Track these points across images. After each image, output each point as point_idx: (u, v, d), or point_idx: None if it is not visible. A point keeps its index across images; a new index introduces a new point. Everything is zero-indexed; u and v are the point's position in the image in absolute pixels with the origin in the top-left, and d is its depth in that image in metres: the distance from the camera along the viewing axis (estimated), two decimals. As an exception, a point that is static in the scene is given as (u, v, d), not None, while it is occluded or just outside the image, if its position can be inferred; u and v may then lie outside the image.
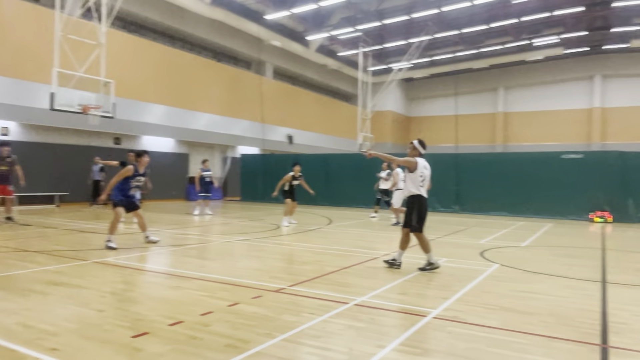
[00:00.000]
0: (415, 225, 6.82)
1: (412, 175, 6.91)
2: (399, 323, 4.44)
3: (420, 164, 6.95)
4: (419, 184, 6.88)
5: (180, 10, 22.85)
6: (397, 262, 6.94)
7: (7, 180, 11.81)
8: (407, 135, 43.12)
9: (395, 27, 28.69)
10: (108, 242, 8.28)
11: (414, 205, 6.86)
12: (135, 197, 8.89)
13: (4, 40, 16.01)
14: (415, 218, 6.81)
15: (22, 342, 3.66)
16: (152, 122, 21.36)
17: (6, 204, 11.87)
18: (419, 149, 7.08)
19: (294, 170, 13.09)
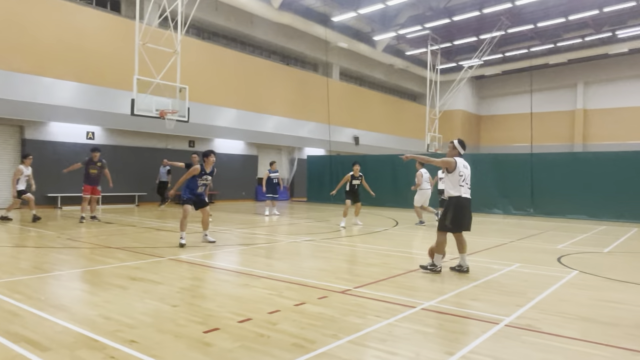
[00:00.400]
0: (449, 226, 6.65)
1: (451, 176, 6.73)
2: (468, 330, 4.29)
3: (460, 164, 6.75)
4: (458, 184, 6.70)
5: (250, 16, 23.52)
6: (438, 267, 6.71)
7: (97, 182, 12.78)
8: (478, 135, 41.67)
9: (465, 23, 27.81)
10: (180, 239, 8.68)
11: (449, 207, 6.70)
12: (203, 195, 9.21)
13: (90, 50, 17.25)
14: (449, 219, 6.63)
15: (104, 333, 3.91)
16: (223, 126, 22.15)
17: (92, 204, 12.79)
18: (458, 149, 6.93)
19: (354, 169, 13.04)
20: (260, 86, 24.04)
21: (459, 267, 6.82)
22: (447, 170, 6.77)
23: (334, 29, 26.86)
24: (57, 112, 16.58)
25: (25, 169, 12.31)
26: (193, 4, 16.05)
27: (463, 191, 6.70)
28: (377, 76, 33.50)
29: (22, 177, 12.24)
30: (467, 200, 6.74)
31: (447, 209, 6.73)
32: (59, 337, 3.81)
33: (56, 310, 4.52)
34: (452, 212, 6.65)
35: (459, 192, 6.67)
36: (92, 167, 12.67)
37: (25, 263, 7.02)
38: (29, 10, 15.93)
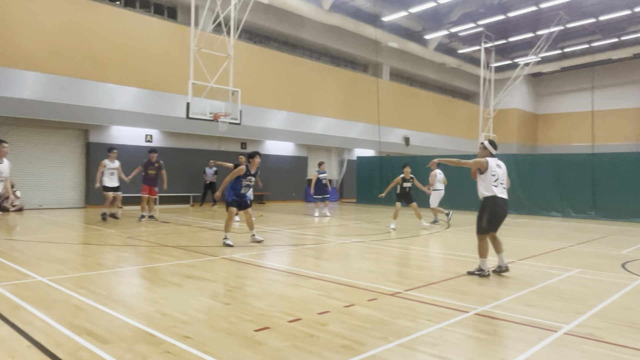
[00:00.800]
0: (485, 228, 6.54)
1: (484, 177, 6.57)
2: (524, 337, 4.13)
3: (492, 164, 6.59)
4: (491, 184, 6.54)
5: (300, 19, 23.75)
6: (486, 272, 6.52)
7: (155, 183, 13.28)
8: (535, 134, 40.11)
9: (521, 19, 26.84)
10: (225, 239, 8.83)
11: (485, 208, 6.56)
12: (247, 197, 9.35)
13: (148, 57, 18.01)
14: (485, 220, 6.53)
15: (160, 328, 4.06)
16: (274, 127, 22.49)
17: (149, 203, 13.33)
18: (489, 150, 6.76)
19: (404, 172, 12.83)
20: (310, 88, 24.23)
21: (498, 267, 6.66)
22: (480, 171, 6.62)
23: (384, 29, 26.66)
24: (118, 116, 17.42)
25: (110, 163, 12.71)
26: (245, 9, 16.40)
27: (498, 191, 6.56)
28: (428, 75, 32.95)
29: (106, 171, 12.66)
30: (503, 200, 6.59)
31: (482, 210, 6.59)
32: (118, 331, 3.99)
33: (116, 305, 4.74)
34: (488, 212, 6.54)
35: (493, 192, 6.53)
36: (150, 168, 13.18)
37: (89, 260, 7.41)
38: (93, 20, 16.83)
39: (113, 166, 12.73)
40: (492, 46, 28.88)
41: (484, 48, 27.73)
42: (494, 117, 29.46)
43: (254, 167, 9.13)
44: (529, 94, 39.70)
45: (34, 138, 16.40)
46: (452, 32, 28.25)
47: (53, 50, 15.86)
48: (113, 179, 12.75)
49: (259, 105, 21.33)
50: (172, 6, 20.54)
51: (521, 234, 11.91)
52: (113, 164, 12.73)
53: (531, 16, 26.19)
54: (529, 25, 27.95)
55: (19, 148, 15.93)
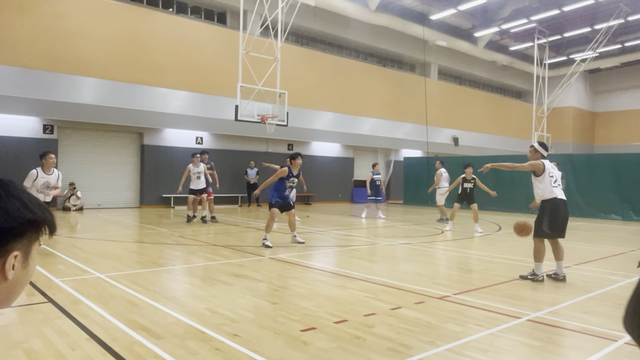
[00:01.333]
0: (547, 232, 6.27)
1: (541, 179, 6.40)
2: (581, 345, 3.95)
3: (547, 165, 6.43)
4: (551, 185, 6.36)
5: (346, 20, 23.75)
6: (539, 276, 6.27)
7: (207, 184, 13.36)
8: (592, 133, 38.26)
9: (577, 13, 25.68)
10: (264, 240, 8.84)
11: (545, 211, 6.32)
12: (290, 198, 9.40)
13: (199, 61, 18.53)
14: (546, 224, 6.27)
15: (210, 326, 4.16)
16: (320, 129, 22.58)
17: (202, 203, 13.38)
18: (540, 152, 6.58)
19: (466, 172, 12.51)
20: (356, 89, 24.17)
21: (554, 275, 6.40)
22: (535, 174, 6.45)
23: (432, 28, 26.22)
24: (170, 120, 18.03)
25: (194, 167, 12.77)
26: (292, 12, 16.58)
27: (557, 192, 6.35)
28: (478, 74, 32.13)
29: (191, 175, 12.86)
30: (563, 202, 6.36)
31: (542, 213, 6.35)
32: (171, 327, 4.12)
33: (168, 302, 4.91)
34: (548, 215, 6.28)
35: (553, 194, 6.32)
36: None
37: (143, 257, 7.71)
38: (149, 27, 17.52)
39: (198, 170, 12.86)
40: (546, 42, 27.78)
41: (537, 44, 26.72)
42: (548, 116, 28.32)
43: (295, 168, 9.16)
44: (586, 91, 37.89)
45: (93, 141, 17.23)
46: (503, 29, 27.39)
47: (112, 57, 16.61)
48: (199, 182, 12.91)
49: (306, 107, 21.48)
50: (222, 11, 21.05)
51: (577, 237, 11.40)
52: (197, 168, 12.81)
53: (588, 10, 25.02)
54: (585, 20, 26.70)
55: (79, 150, 16.81)
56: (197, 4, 20.31)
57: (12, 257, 0.99)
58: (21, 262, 1.01)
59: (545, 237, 6.35)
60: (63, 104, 15.50)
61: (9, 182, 1.02)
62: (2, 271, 0.98)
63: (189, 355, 3.49)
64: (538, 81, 27.43)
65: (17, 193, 1.01)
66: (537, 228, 6.38)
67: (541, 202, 6.44)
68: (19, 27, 14.74)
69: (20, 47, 14.76)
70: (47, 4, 15.41)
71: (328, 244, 9.67)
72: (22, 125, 15.38)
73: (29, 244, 1.02)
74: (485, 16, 26.86)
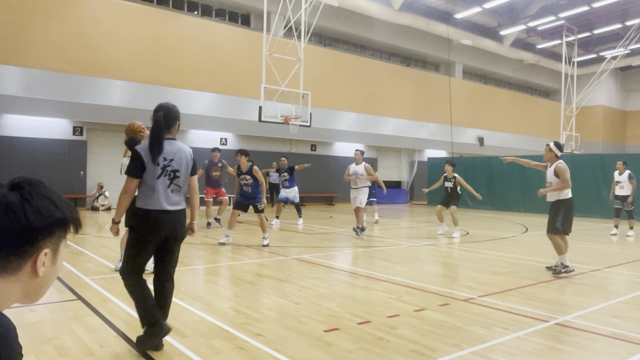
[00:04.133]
0: (560, 229, 6.77)
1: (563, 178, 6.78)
2: (611, 350, 3.84)
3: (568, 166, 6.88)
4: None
5: (370, 20, 23.67)
6: (570, 267, 6.71)
7: (219, 184, 12.59)
8: (624, 133, 37.21)
9: (608, 9, 25.02)
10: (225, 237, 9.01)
11: (560, 209, 6.79)
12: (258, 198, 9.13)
13: (223, 63, 18.73)
14: (560, 221, 6.75)
15: (234, 325, 4.20)
16: (343, 129, 22.55)
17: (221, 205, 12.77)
18: (555, 152, 6.96)
19: (446, 170, 12.01)
20: (380, 89, 24.06)
21: (554, 267, 6.88)
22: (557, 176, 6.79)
23: (457, 26, 25.91)
24: (195, 121, 18.26)
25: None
26: (315, 13, 16.61)
27: (570, 193, 6.85)
28: (504, 73, 31.61)
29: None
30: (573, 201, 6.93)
31: (557, 211, 6.77)
32: (196, 325, 4.18)
33: (194, 301, 4.97)
34: (563, 214, 6.74)
35: (570, 195, 6.81)
36: (214, 169, 12.42)
37: (168, 257, 7.82)
38: (175, 30, 17.79)
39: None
40: (575, 40, 27.15)
41: (566, 42, 26.13)
42: (577, 115, 27.67)
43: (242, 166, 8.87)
44: (616, 89, 36.88)
45: (121, 142, 17.49)
46: (530, 27, 26.87)
47: (138, 60, 16.93)
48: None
49: (329, 108, 21.49)
50: (246, 13, 21.23)
51: (609, 239, 11.10)
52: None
53: (619, 6, 24.35)
54: (616, 16, 25.99)
55: (107, 152, 17.17)
56: (222, 7, 20.54)
57: (42, 255, 1.02)
58: (50, 259, 1.05)
59: (558, 233, 6.77)
60: (92, 106, 15.87)
61: (38, 182, 1.06)
62: (34, 268, 1.02)
63: (213, 354, 3.53)
64: (566, 79, 26.82)
65: (47, 192, 1.04)
66: (551, 225, 6.80)
67: (556, 201, 6.80)
68: (48, 31, 15.15)
69: (50, 51, 15.18)
70: (75, 8, 15.81)
71: (351, 245, 9.65)
72: (52, 127, 15.81)
73: (57, 242, 1.06)
74: (512, 14, 26.41)
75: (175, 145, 3.79)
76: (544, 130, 32.18)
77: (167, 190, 3.68)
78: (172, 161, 3.72)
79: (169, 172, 3.71)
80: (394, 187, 26.27)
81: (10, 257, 0.99)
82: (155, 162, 3.64)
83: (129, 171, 3.66)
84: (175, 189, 3.75)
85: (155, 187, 3.65)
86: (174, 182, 3.73)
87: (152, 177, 3.64)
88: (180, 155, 3.78)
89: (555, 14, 24.90)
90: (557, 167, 6.76)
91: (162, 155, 3.67)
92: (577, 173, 17.64)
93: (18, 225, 0.98)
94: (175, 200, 3.75)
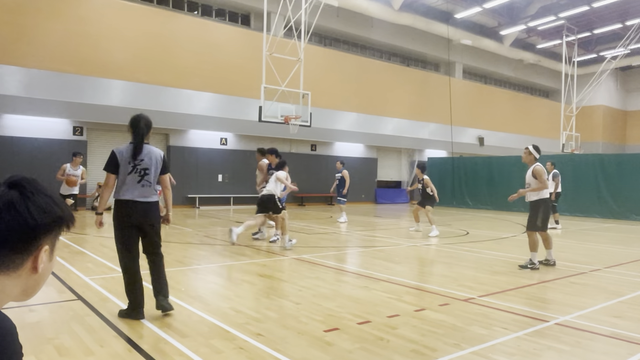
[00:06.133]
0: (540, 226, 7.20)
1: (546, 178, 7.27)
2: (611, 350, 3.84)
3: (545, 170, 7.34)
4: None
5: (370, 20, 23.66)
6: (537, 265, 7.09)
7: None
8: (624, 133, 37.20)
9: (608, 9, 25.01)
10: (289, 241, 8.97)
11: (540, 208, 7.20)
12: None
13: (223, 63, 18.73)
14: (541, 219, 7.17)
15: (234, 325, 4.20)
16: (343, 129, 22.55)
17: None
18: (534, 154, 7.32)
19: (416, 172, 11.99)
20: (380, 89, 24.05)
21: (546, 261, 7.38)
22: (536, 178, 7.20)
23: (457, 26, 25.91)
24: (196, 121, 18.26)
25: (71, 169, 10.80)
26: (315, 13, 16.61)
27: (547, 193, 7.31)
28: (504, 73, 31.61)
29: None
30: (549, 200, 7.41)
31: (537, 210, 7.19)
32: (196, 325, 4.18)
33: (194, 301, 4.97)
34: (543, 212, 7.18)
35: (547, 195, 7.26)
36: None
37: (168, 257, 7.81)
38: (175, 30, 17.78)
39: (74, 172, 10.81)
40: (575, 39, 27.16)
41: (566, 42, 26.13)
42: (577, 115, 27.66)
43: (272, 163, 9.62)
44: (617, 89, 36.88)
45: (121, 142, 17.51)
46: (530, 27, 26.88)
47: (138, 60, 16.93)
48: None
49: (329, 107, 21.49)
50: (246, 13, 21.22)
51: (608, 239, 11.10)
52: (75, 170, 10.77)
53: (619, 6, 24.34)
54: (616, 16, 25.99)
55: (107, 151, 17.10)
56: (222, 7, 20.54)
57: (43, 252, 1.03)
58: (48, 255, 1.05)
59: (538, 230, 7.22)
60: (92, 106, 15.87)
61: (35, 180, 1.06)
62: (34, 265, 1.02)
63: (214, 354, 3.53)
64: (566, 79, 26.83)
65: (45, 190, 1.05)
66: (532, 223, 7.23)
67: (536, 201, 7.20)
68: (48, 31, 15.15)
69: (50, 51, 15.18)
70: (75, 8, 15.80)
71: (351, 245, 9.65)
72: (53, 127, 15.81)
73: (54, 239, 1.06)
74: (512, 14, 26.41)
75: (147, 148, 4.50)
76: (544, 130, 32.18)
77: (137, 185, 4.38)
78: (143, 161, 4.41)
79: (139, 169, 4.40)
80: (394, 187, 26.28)
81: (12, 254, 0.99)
82: (129, 161, 4.38)
83: (105, 168, 4.44)
84: (146, 184, 4.42)
85: (127, 181, 4.39)
86: (144, 179, 4.41)
87: (124, 173, 4.38)
88: (150, 156, 4.47)
89: (555, 13, 24.90)
90: (535, 170, 7.20)
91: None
92: (577, 173, 17.71)
93: (22, 222, 0.99)
94: (146, 194, 4.43)
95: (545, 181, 7.15)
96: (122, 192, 4.40)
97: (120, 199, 4.41)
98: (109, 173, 4.42)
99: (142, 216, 4.41)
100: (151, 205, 4.48)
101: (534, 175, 7.19)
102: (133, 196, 4.38)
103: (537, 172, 7.16)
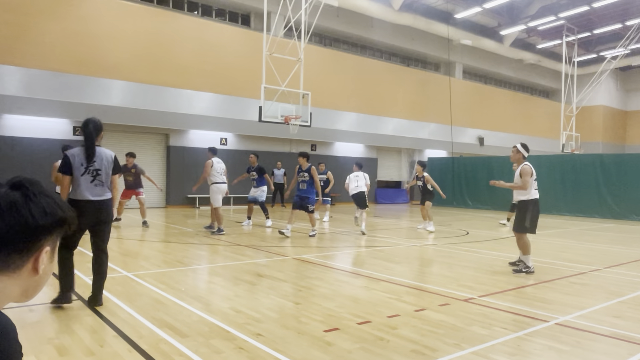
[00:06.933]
0: (528, 228, 6.94)
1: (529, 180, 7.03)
2: (611, 350, 3.84)
3: (532, 169, 7.04)
4: (533, 187, 7.04)
5: (370, 20, 23.66)
6: (531, 269, 6.83)
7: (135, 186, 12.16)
8: (624, 133, 37.21)
9: (608, 9, 25.02)
10: None
11: (528, 209, 6.97)
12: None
13: (223, 63, 18.73)
14: (529, 220, 6.93)
15: (234, 325, 4.20)
16: (343, 129, 22.56)
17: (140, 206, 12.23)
18: (522, 153, 7.17)
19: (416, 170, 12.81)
20: (380, 89, 24.06)
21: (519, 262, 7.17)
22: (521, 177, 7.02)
23: (457, 26, 25.91)
24: (196, 121, 18.27)
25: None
26: (315, 13, 16.61)
27: (537, 193, 7.08)
28: (504, 73, 31.61)
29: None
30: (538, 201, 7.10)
31: (525, 211, 6.97)
32: (196, 325, 4.17)
33: (194, 301, 4.97)
34: (531, 213, 6.95)
35: (535, 195, 7.02)
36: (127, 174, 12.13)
37: (169, 257, 7.82)
38: (175, 30, 17.78)
39: None
40: (575, 40, 27.17)
41: (566, 42, 26.14)
42: (577, 115, 27.68)
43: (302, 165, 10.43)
44: (617, 89, 36.89)
45: (120, 142, 17.57)
46: (530, 27, 26.88)
47: (138, 60, 16.92)
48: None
49: (329, 107, 21.49)
50: (246, 13, 21.22)
51: (608, 239, 11.10)
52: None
53: (619, 6, 24.35)
54: (616, 16, 26.00)
55: (107, 152, 17.13)
56: (222, 7, 20.53)
57: (44, 253, 1.03)
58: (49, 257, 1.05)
59: (526, 232, 6.95)
60: (91, 106, 15.85)
61: (37, 181, 1.06)
62: (35, 266, 1.02)
63: (213, 354, 3.53)
64: (567, 79, 26.84)
65: (47, 192, 1.05)
66: (519, 224, 6.99)
67: (524, 201, 7.00)
68: (48, 31, 15.14)
69: (50, 51, 15.17)
70: (75, 8, 15.79)
71: (351, 245, 9.65)
72: (53, 127, 15.80)
73: (55, 240, 1.07)
74: (512, 14, 26.42)
75: (99, 150, 4.83)
76: (544, 130, 32.20)
77: (90, 185, 4.71)
78: (95, 162, 4.75)
79: (92, 170, 4.73)
80: (394, 187, 26.29)
81: (14, 255, 1.00)
82: (82, 163, 4.70)
83: (60, 170, 4.75)
84: (99, 183, 4.76)
85: (80, 182, 4.70)
86: (96, 179, 4.75)
87: (77, 174, 4.70)
88: (101, 158, 4.81)
89: (556, 14, 24.90)
90: (522, 169, 7.06)
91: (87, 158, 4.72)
92: (577, 173, 17.71)
93: (25, 223, 0.99)
94: (98, 192, 4.76)
95: (526, 182, 6.88)
96: (77, 192, 4.72)
97: (73, 199, 4.70)
98: (63, 175, 4.72)
99: (94, 214, 4.74)
100: (103, 203, 4.80)
101: (520, 174, 7.05)
102: (86, 196, 4.70)
103: (523, 171, 6.98)
